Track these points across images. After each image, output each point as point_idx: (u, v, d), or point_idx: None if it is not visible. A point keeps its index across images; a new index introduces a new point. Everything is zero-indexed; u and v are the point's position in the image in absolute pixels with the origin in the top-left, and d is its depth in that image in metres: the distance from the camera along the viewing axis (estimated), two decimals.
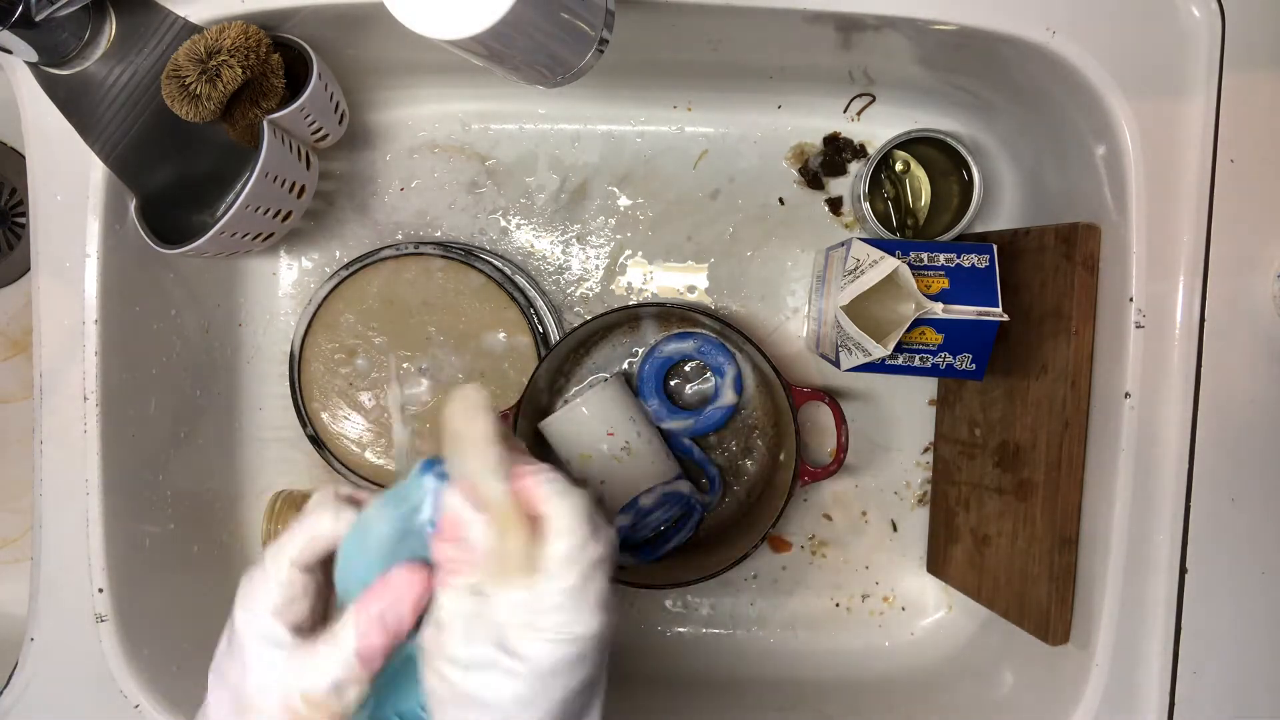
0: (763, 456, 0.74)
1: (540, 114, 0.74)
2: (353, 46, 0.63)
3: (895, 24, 0.57)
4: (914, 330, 0.58)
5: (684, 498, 0.68)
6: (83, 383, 0.59)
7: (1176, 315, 0.55)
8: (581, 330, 0.68)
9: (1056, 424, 0.59)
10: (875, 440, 0.74)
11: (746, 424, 0.73)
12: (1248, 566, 0.56)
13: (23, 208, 0.79)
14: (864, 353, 0.58)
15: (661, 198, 0.74)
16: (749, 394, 0.73)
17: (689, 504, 0.69)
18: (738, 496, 0.74)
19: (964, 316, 0.58)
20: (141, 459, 0.63)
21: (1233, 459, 0.55)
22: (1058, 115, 0.61)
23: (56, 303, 0.58)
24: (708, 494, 0.71)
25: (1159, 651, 0.56)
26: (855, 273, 0.59)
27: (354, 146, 0.73)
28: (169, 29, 0.55)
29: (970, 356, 0.60)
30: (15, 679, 0.59)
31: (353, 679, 0.34)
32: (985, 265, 0.59)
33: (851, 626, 0.75)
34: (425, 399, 0.73)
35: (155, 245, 0.58)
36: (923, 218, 0.71)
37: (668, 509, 0.68)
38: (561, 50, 0.48)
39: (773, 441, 0.73)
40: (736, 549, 0.65)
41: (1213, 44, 0.54)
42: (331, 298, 0.72)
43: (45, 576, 0.59)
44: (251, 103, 0.56)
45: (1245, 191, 0.55)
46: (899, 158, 0.71)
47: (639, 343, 0.73)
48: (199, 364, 0.70)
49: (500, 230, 0.74)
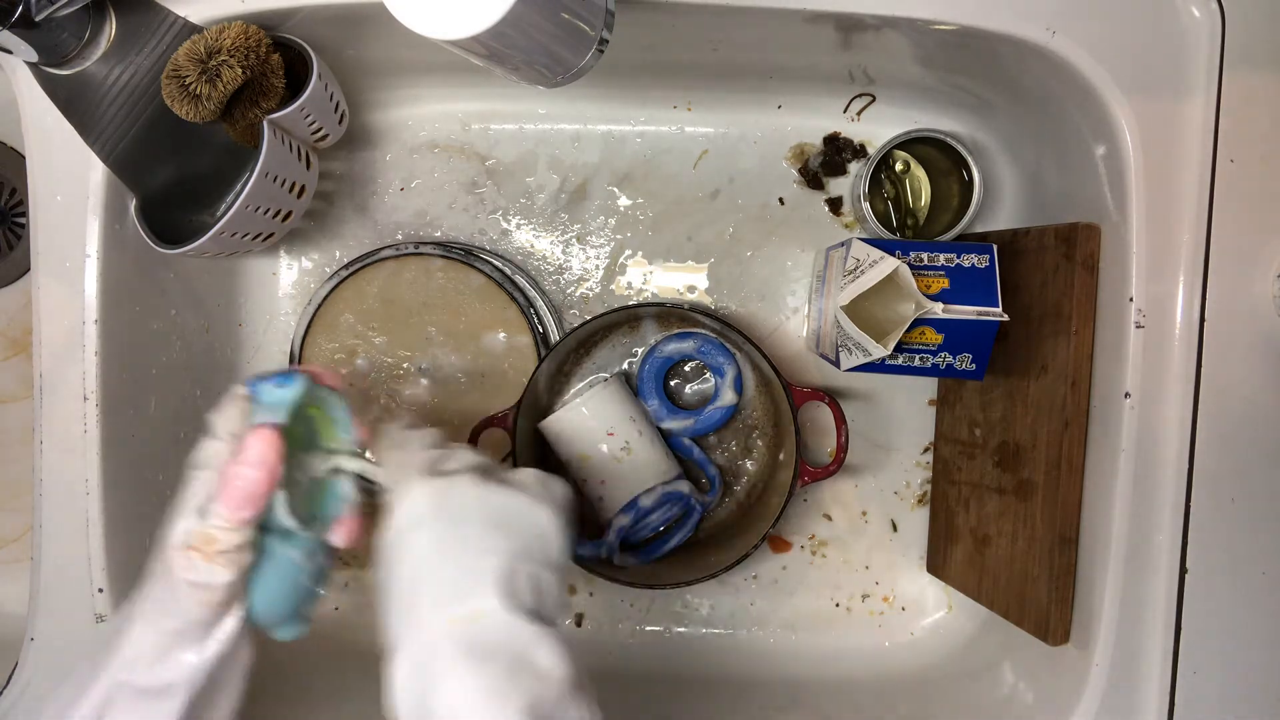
0: (763, 456, 0.74)
1: (540, 114, 0.74)
2: (353, 46, 0.63)
3: (895, 24, 0.57)
4: (914, 330, 0.58)
5: (684, 497, 0.68)
6: (83, 383, 0.59)
7: (1176, 315, 0.55)
8: (581, 330, 0.68)
9: (1056, 424, 0.59)
10: (875, 440, 0.74)
11: (746, 424, 0.73)
12: (1248, 566, 0.56)
13: (23, 208, 0.79)
14: (864, 353, 0.58)
15: (661, 198, 0.74)
16: (749, 394, 0.73)
17: (689, 504, 0.69)
18: (737, 496, 0.74)
19: (964, 316, 0.58)
20: (141, 459, 0.63)
21: (1233, 459, 0.55)
22: (1058, 115, 0.61)
23: (56, 303, 0.58)
24: (708, 494, 0.72)
25: (1159, 651, 0.56)
26: (855, 272, 0.59)
27: (354, 146, 0.73)
28: (169, 29, 0.55)
29: (970, 356, 0.60)
30: (15, 679, 0.59)
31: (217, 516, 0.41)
32: (985, 265, 0.59)
33: (851, 626, 0.75)
34: (425, 399, 0.73)
35: (155, 245, 0.58)
36: (923, 217, 0.71)
37: (668, 509, 0.68)
38: (561, 50, 0.48)
39: (773, 441, 0.73)
40: (736, 549, 0.65)
41: (1213, 44, 0.54)
42: (331, 298, 0.72)
43: (45, 576, 0.59)
44: (251, 103, 0.56)
45: (1245, 191, 0.55)
46: (899, 158, 0.71)
47: (639, 343, 0.73)
48: (199, 364, 0.70)
49: (500, 230, 0.74)
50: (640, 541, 0.69)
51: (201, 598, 0.41)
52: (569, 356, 0.73)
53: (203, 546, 0.41)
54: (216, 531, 0.41)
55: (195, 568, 0.41)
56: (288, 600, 0.45)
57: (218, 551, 0.41)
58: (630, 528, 0.67)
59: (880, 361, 0.59)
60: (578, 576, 0.75)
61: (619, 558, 0.67)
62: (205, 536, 0.41)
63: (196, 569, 0.41)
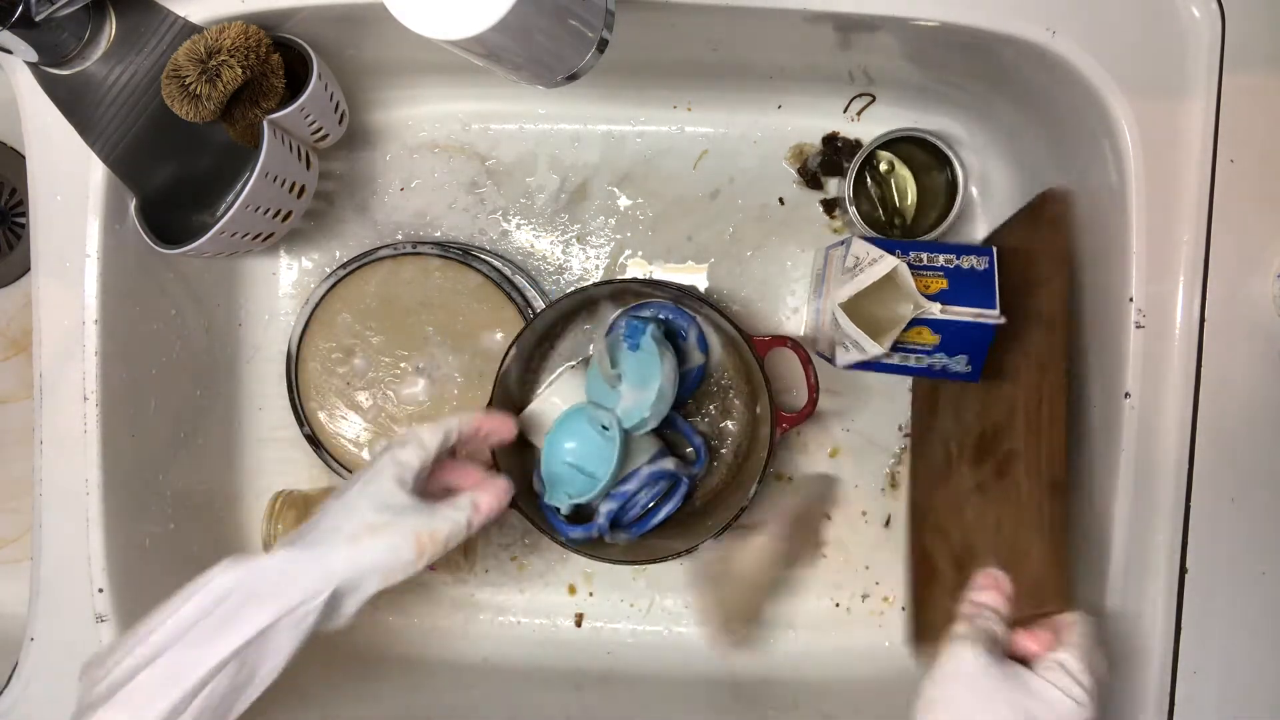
0: (741, 414, 0.73)
1: (540, 114, 0.74)
2: (353, 46, 0.63)
3: (895, 24, 0.57)
4: (911, 329, 0.58)
5: (669, 474, 0.68)
6: (83, 383, 0.59)
7: (1176, 315, 0.55)
8: (538, 323, 0.67)
9: (1033, 373, 0.57)
10: (875, 440, 0.74)
11: (721, 385, 0.73)
12: (1248, 566, 0.56)
13: (23, 208, 0.79)
14: (860, 350, 0.58)
15: (661, 198, 0.74)
16: (716, 355, 0.72)
17: (675, 477, 0.68)
18: (725, 460, 0.73)
19: (961, 318, 0.58)
20: (141, 459, 0.63)
21: (1233, 459, 0.55)
22: (1057, 115, 0.61)
23: (56, 303, 0.58)
24: (694, 465, 0.71)
25: (1159, 651, 0.56)
26: (855, 270, 0.58)
27: (354, 146, 0.73)
28: (169, 29, 0.55)
29: (966, 358, 0.59)
30: (15, 679, 0.59)
31: (459, 534, 0.53)
32: (985, 267, 0.59)
33: (851, 626, 0.75)
34: (422, 399, 0.73)
35: (155, 245, 0.58)
36: (910, 216, 0.71)
37: (654, 486, 0.67)
38: (561, 50, 0.48)
39: (749, 398, 0.73)
40: (730, 509, 0.65)
41: (1213, 44, 0.54)
42: (329, 297, 0.72)
43: (45, 576, 0.59)
44: (251, 103, 0.56)
45: (1245, 191, 0.55)
46: (883, 158, 0.71)
47: (600, 326, 0.72)
48: (199, 364, 0.70)
49: (500, 230, 0.74)
50: (630, 520, 0.68)
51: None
52: (534, 353, 0.72)
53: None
54: None
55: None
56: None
57: None
58: (619, 510, 0.66)
59: (876, 360, 0.59)
60: (578, 575, 0.75)
61: (610, 535, 0.66)
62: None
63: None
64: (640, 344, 0.66)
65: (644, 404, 0.63)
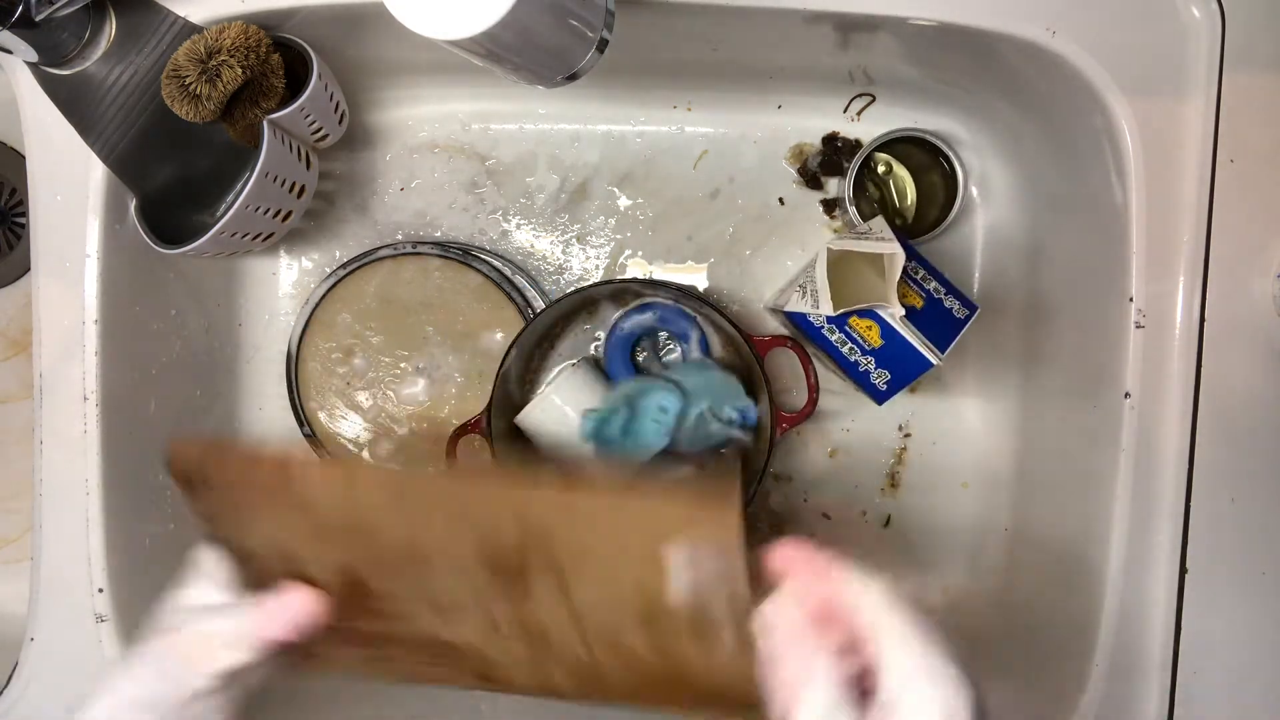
0: None
1: (540, 114, 0.74)
2: (353, 46, 0.63)
3: (895, 24, 0.57)
4: (864, 321, 0.58)
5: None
6: (83, 383, 0.59)
7: (1176, 315, 0.55)
8: (538, 322, 0.67)
9: None
10: (875, 440, 0.74)
11: None
12: (1248, 566, 0.56)
13: (23, 208, 0.79)
14: (814, 303, 0.58)
15: (661, 198, 0.74)
16: (716, 354, 0.72)
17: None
18: (725, 459, 0.73)
19: (910, 339, 0.58)
20: (141, 459, 0.63)
21: (1233, 459, 0.55)
22: (1057, 115, 0.61)
23: (56, 303, 0.58)
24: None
25: (1159, 651, 0.56)
26: (863, 236, 0.59)
27: (354, 146, 0.73)
28: (169, 29, 0.55)
29: (888, 376, 0.60)
30: (15, 679, 0.59)
31: (244, 644, 0.41)
32: (961, 317, 0.60)
33: None
34: (422, 399, 0.73)
35: (155, 245, 0.58)
36: (910, 215, 0.71)
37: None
38: (562, 50, 0.48)
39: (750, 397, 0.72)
40: None
41: (1213, 44, 0.54)
42: (328, 297, 0.72)
43: (45, 576, 0.59)
44: (251, 103, 0.56)
45: (1245, 191, 0.55)
46: (881, 160, 0.71)
47: (600, 326, 0.72)
48: (199, 364, 0.70)
49: (500, 230, 0.74)
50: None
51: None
52: (534, 353, 0.72)
53: None
54: None
55: None
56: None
57: None
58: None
59: (818, 325, 0.59)
60: None
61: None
62: None
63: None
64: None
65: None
